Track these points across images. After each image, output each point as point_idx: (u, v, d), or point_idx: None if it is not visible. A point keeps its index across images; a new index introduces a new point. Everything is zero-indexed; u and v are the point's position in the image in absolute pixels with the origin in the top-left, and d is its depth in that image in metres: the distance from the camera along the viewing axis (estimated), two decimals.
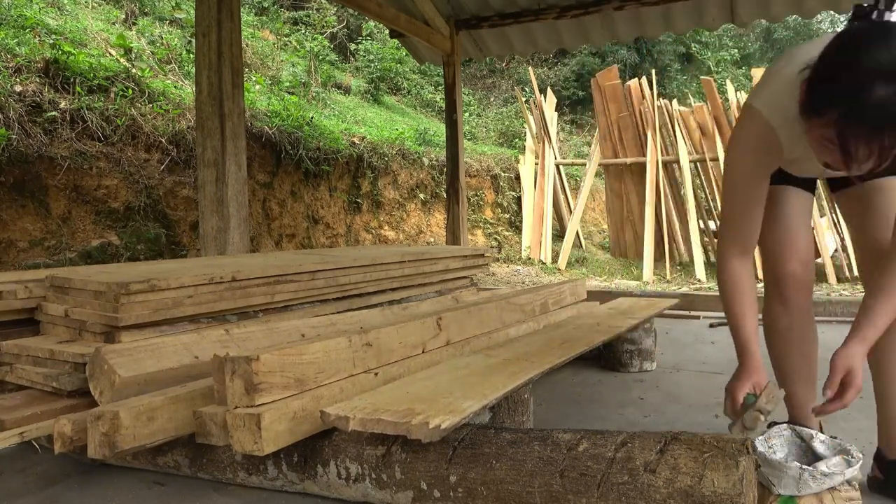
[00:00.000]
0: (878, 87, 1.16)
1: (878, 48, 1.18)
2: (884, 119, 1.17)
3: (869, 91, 1.16)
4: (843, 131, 1.21)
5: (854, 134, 1.20)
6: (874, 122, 1.18)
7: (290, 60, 9.05)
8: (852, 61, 1.20)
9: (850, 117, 1.19)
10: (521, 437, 1.45)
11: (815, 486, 1.33)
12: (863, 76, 1.18)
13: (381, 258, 2.85)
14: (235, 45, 3.12)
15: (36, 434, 1.67)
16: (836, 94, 1.22)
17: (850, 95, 1.19)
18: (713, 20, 5.26)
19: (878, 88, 1.16)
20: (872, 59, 1.17)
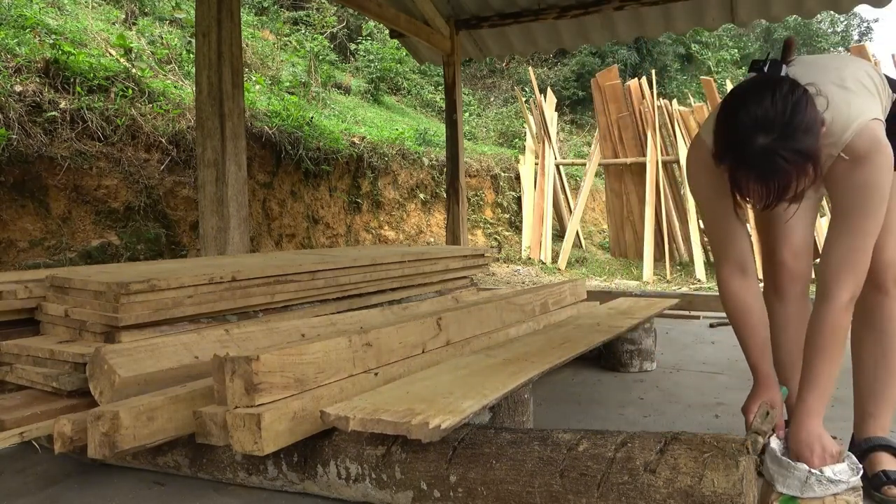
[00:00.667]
0: (757, 136, 1.32)
1: (754, 104, 1.34)
2: (767, 164, 1.32)
3: (750, 141, 1.33)
4: (734, 175, 1.37)
5: (743, 177, 1.35)
6: (759, 168, 1.33)
7: (290, 60, 9.06)
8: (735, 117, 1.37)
9: (740, 164, 1.35)
10: (521, 437, 1.45)
11: (819, 490, 1.33)
12: (742, 128, 1.34)
13: (381, 258, 2.85)
14: (235, 45, 3.12)
15: (36, 434, 1.67)
16: (726, 146, 1.38)
17: (736, 146, 1.35)
18: (713, 20, 5.26)
19: (757, 138, 1.32)
20: (750, 114, 1.34)
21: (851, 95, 1.47)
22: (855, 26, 24.89)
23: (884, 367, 1.65)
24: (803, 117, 1.32)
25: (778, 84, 1.36)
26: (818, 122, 1.35)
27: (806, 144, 1.32)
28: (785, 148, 1.30)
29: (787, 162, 1.31)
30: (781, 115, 1.32)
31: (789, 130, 1.31)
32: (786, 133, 1.31)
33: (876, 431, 1.66)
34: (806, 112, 1.33)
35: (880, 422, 1.66)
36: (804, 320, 1.81)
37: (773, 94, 1.34)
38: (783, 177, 1.32)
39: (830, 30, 23.67)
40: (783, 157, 1.31)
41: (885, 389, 1.65)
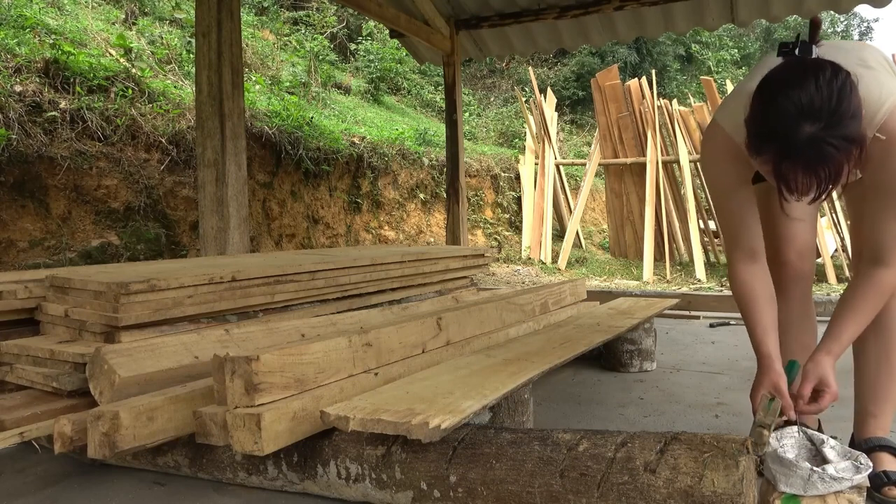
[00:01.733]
0: (804, 125, 1.26)
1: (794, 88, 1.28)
2: (816, 154, 1.26)
3: (796, 130, 1.26)
4: (779, 168, 1.31)
5: (790, 169, 1.29)
6: (807, 158, 1.27)
7: (290, 60, 9.06)
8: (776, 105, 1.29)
9: (785, 156, 1.29)
10: (521, 437, 1.45)
11: (822, 488, 1.33)
12: (787, 117, 1.27)
13: (381, 258, 2.85)
14: (235, 45, 3.12)
15: (36, 434, 1.67)
16: (769, 137, 1.31)
17: (780, 136, 1.29)
18: (713, 20, 5.26)
19: (804, 127, 1.26)
20: (793, 102, 1.27)
21: (878, 74, 1.44)
22: (855, 26, 24.91)
23: (886, 368, 1.64)
24: (849, 103, 1.27)
25: (820, 68, 1.30)
26: (860, 106, 1.30)
27: (852, 130, 1.27)
28: (834, 136, 1.25)
29: (836, 150, 1.25)
30: (828, 102, 1.26)
31: (836, 118, 1.26)
32: (833, 121, 1.25)
33: (876, 432, 1.66)
34: (851, 97, 1.28)
35: (881, 422, 1.66)
36: (807, 319, 1.83)
37: (815, 79, 1.27)
38: (834, 165, 1.27)
39: (830, 30, 23.67)
40: (832, 146, 1.25)
41: (887, 390, 1.65)
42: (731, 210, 1.63)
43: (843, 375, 2.82)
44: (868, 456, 1.55)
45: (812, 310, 1.86)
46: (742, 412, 2.33)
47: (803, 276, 1.79)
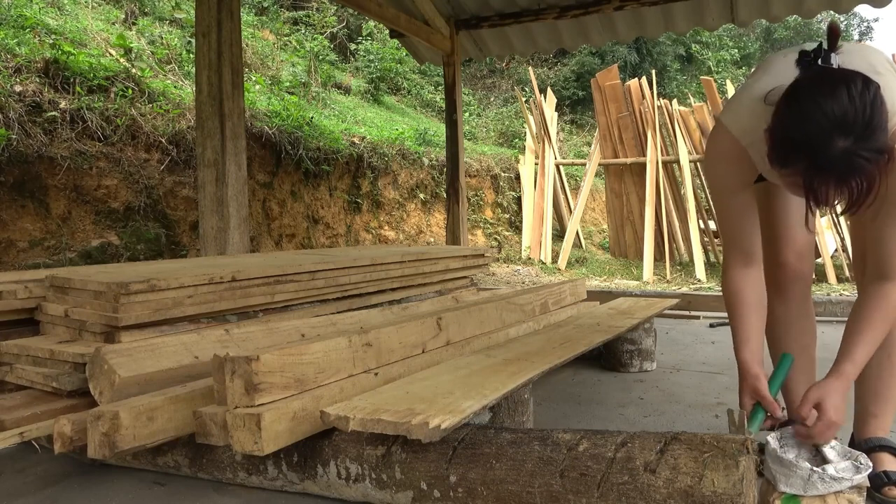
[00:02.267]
0: (837, 139, 1.23)
1: (826, 100, 1.25)
2: (848, 168, 1.24)
3: (829, 144, 1.24)
4: (811, 182, 1.28)
5: (822, 183, 1.27)
6: (840, 172, 1.25)
7: (290, 60, 9.06)
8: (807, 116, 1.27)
9: (817, 169, 1.27)
10: (521, 437, 1.45)
11: (822, 488, 1.33)
12: (819, 131, 1.24)
13: (381, 258, 2.85)
14: (235, 45, 3.12)
15: (36, 434, 1.67)
16: (798, 150, 1.28)
17: (812, 150, 1.26)
18: (713, 20, 5.26)
19: (837, 140, 1.23)
20: (827, 115, 1.24)
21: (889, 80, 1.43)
22: (855, 26, 24.89)
23: (888, 369, 1.64)
24: (881, 115, 1.26)
25: (852, 80, 1.27)
26: (888, 116, 1.29)
27: (883, 141, 1.26)
28: (867, 149, 1.24)
29: (868, 162, 1.24)
30: (861, 115, 1.24)
31: (869, 131, 1.24)
32: (866, 134, 1.24)
33: (877, 432, 1.66)
34: (882, 109, 1.27)
35: (881, 422, 1.66)
36: (806, 319, 1.82)
37: (848, 90, 1.25)
38: (867, 178, 1.26)
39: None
40: (865, 158, 1.24)
41: (889, 390, 1.65)
42: (732, 213, 1.63)
43: None
44: (868, 456, 1.56)
45: (811, 310, 1.85)
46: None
47: (802, 276, 1.79)
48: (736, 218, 1.62)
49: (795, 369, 1.81)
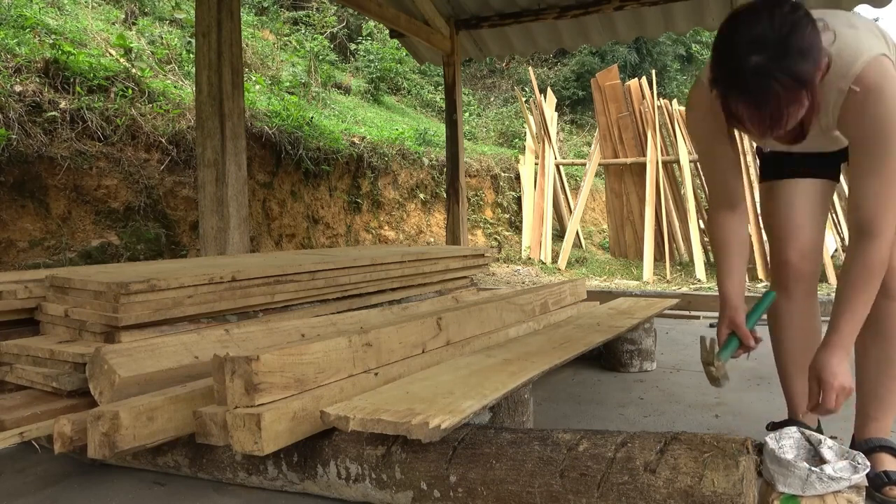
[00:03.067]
0: (751, 55, 1.26)
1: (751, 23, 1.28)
2: (759, 86, 1.26)
3: (742, 59, 1.27)
4: (726, 98, 1.33)
5: (735, 101, 1.31)
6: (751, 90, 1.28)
7: (290, 60, 9.06)
8: (729, 37, 1.31)
9: (732, 87, 1.31)
10: (521, 437, 1.45)
11: (821, 488, 1.33)
12: (737, 49, 1.28)
13: (381, 258, 2.85)
14: (235, 45, 3.12)
15: (36, 434, 1.67)
16: (719, 68, 1.33)
17: (727, 64, 1.31)
18: (713, 20, 5.26)
19: (751, 56, 1.26)
20: (744, 34, 1.28)
21: (860, 32, 1.45)
22: None
23: (887, 372, 1.64)
24: (802, 39, 1.26)
25: (778, 4, 1.30)
26: (817, 48, 1.29)
27: (801, 68, 1.26)
28: (779, 69, 1.25)
29: (780, 85, 1.25)
30: (777, 34, 1.26)
31: (783, 50, 1.25)
32: (780, 53, 1.25)
33: (877, 433, 1.66)
34: (805, 34, 1.27)
35: (881, 425, 1.67)
36: (810, 318, 1.82)
37: (770, 13, 1.28)
38: (775, 101, 1.27)
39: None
40: (776, 80, 1.25)
41: (888, 394, 1.65)
42: (712, 160, 1.68)
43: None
44: (868, 456, 1.56)
45: (816, 310, 1.85)
46: (742, 412, 2.33)
47: (805, 276, 1.79)
48: (716, 165, 1.67)
49: (794, 370, 1.82)
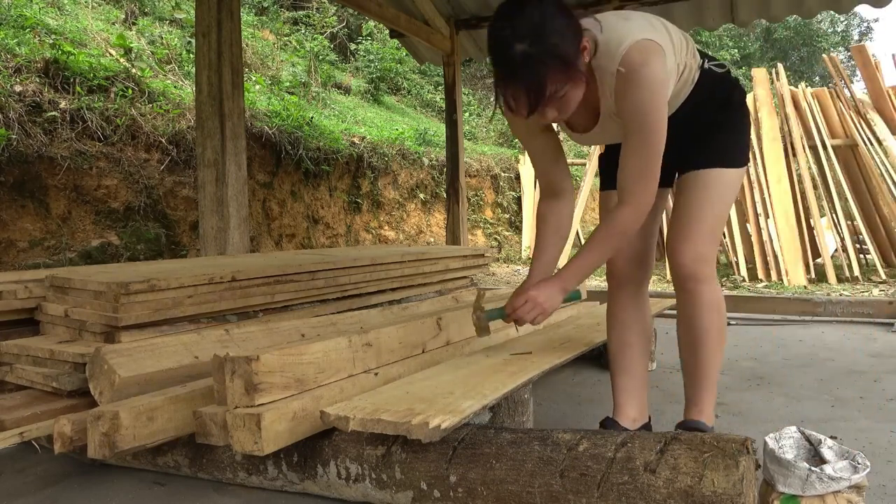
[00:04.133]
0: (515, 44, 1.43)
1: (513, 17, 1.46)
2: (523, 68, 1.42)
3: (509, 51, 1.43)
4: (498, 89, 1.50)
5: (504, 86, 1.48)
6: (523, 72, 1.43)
7: (290, 60, 9.06)
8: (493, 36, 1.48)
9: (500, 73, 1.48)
10: (521, 437, 1.45)
11: (821, 487, 1.33)
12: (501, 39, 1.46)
13: (381, 258, 2.85)
14: (235, 45, 3.12)
15: (36, 434, 1.67)
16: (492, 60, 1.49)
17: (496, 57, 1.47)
18: (713, 20, 5.26)
19: (516, 45, 1.43)
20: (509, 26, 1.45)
21: (631, 23, 1.57)
22: (855, 26, 24.89)
23: (696, 358, 1.76)
24: (553, 23, 1.43)
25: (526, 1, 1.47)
26: (572, 28, 1.46)
27: (559, 48, 1.43)
28: (540, 52, 1.41)
29: (543, 64, 1.41)
30: (532, 22, 1.43)
31: (540, 35, 1.42)
32: (537, 38, 1.42)
33: (698, 416, 1.76)
34: (555, 18, 1.44)
35: (700, 407, 1.77)
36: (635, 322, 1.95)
37: (522, 9, 1.45)
38: (541, 78, 1.42)
39: (830, 30, 23.66)
40: (538, 60, 1.41)
41: (701, 378, 1.77)
42: (534, 157, 1.81)
43: (845, 376, 2.82)
44: None
45: (644, 310, 1.96)
46: (742, 412, 2.33)
47: (630, 280, 1.91)
48: (539, 157, 1.80)
49: (616, 365, 1.94)
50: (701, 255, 1.70)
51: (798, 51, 22.96)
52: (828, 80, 16.45)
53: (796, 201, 6.88)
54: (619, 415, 1.90)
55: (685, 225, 1.71)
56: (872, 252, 6.85)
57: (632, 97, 1.52)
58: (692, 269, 1.70)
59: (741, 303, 4.55)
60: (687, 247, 1.70)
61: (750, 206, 7.07)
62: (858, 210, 7.00)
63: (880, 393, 2.53)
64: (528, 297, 1.68)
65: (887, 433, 2.06)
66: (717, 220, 1.73)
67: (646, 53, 1.50)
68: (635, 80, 1.50)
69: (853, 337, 3.68)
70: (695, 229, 1.70)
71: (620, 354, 1.93)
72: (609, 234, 1.65)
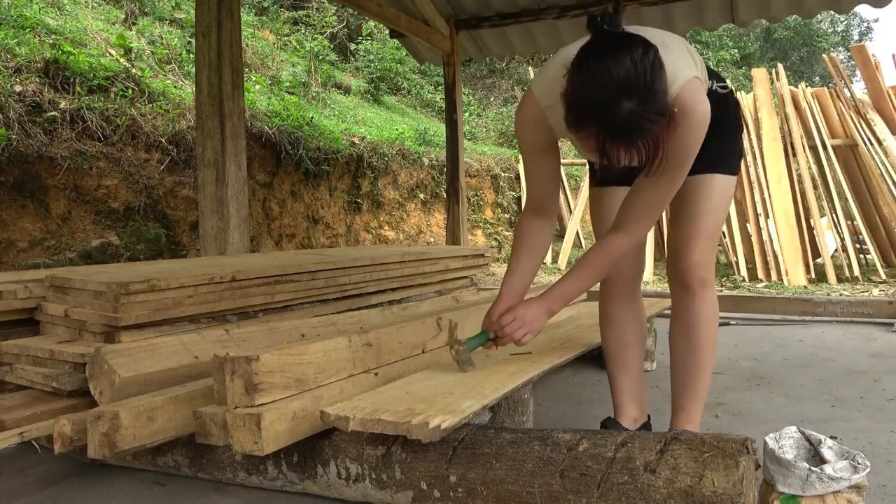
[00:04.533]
0: (623, 102, 1.31)
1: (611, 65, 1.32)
2: (635, 129, 1.33)
3: (616, 107, 1.31)
4: (602, 143, 1.36)
5: (613, 144, 1.35)
6: (627, 133, 1.34)
7: (290, 60, 9.05)
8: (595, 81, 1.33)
9: (607, 132, 1.34)
10: (521, 437, 1.45)
11: (821, 487, 1.33)
12: (607, 94, 1.32)
13: (381, 258, 2.85)
14: (235, 45, 3.12)
15: (36, 434, 1.67)
16: (588, 113, 1.36)
17: (601, 113, 1.33)
18: (713, 20, 5.26)
19: (623, 103, 1.31)
20: (611, 77, 1.31)
21: (673, 54, 1.52)
22: (855, 26, 24.89)
23: (692, 364, 1.75)
24: (661, 79, 1.36)
25: (633, 44, 1.36)
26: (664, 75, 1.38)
27: (664, 104, 1.36)
28: (650, 111, 1.33)
29: (652, 123, 1.34)
30: (643, 79, 1.32)
31: (651, 93, 1.33)
32: (648, 96, 1.33)
33: (685, 425, 1.75)
34: (662, 74, 1.36)
35: (689, 415, 1.76)
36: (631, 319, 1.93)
37: (630, 54, 1.33)
38: (652, 138, 1.35)
39: (830, 30, 23.66)
40: (649, 120, 1.33)
41: (694, 385, 1.76)
42: (531, 170, 1.76)
43: (845, 376, 2.82)
44: None
45: (639, 309, 1.95)
46: (742, 412, 2.33)
47: (623, 278, 1.89)
48: (534, 175, 1.75)
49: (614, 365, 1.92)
50: (705, 259, 1.71)
51: (798, 51, 22.96)
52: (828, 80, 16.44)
53: (796, 201, 6.88)
54: (620, 415, 1.90)
55: (689, 228, 1.71)
56: (872, 252, 6.85)
57: (682, 136, 1.48)
58: (697, 272, 1.70)
59: (741, 303, 4.55)
60: (692, 249, 1.70)
61: (750, 206, 7.07)
62: (858, 210, 7.00)
63: (880, 393, 2.53)
64: (517, 315, 1.64)
65: (887, 433, 2.06)
66: (717, 225, 1.74)
67: (698, 94, 1.49)
68: (688, 121, 1.47)
69: (853, 337, 3.68)
70: (699, 232, 1.70)
71: (618, 354, 1.92)
72: (602, 262, 1.64)
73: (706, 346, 1.74)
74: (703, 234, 1.70)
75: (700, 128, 1.49)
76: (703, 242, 1.70)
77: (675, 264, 1.74)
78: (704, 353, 1.75)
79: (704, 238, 1.70)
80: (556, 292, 1.66)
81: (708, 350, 1.75)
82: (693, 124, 1.48)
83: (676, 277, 1.75)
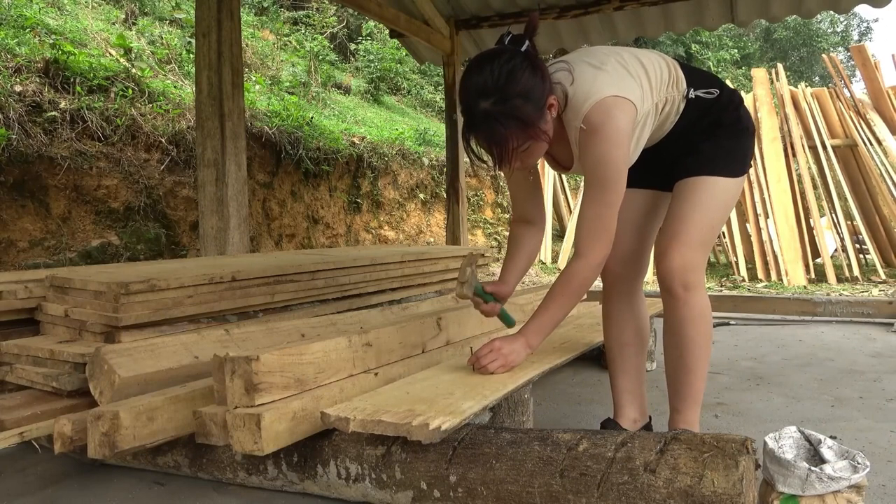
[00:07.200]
0: (481, 102, 1.49)
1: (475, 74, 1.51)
2: (486, 127, 1.49)
3: (475, 107, 1.50)
4: (467, 140, 1.56)
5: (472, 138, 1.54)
6: (480, 130, 1.51)
7: (290, 60, 9.05)
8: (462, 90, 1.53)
9: (468, 127, 1.54)
10: (521, 437, 1.45)
11: (821, 487, 1.33)
12: (468, 98, 1.51)
13: (381, 258, 2.85)
14: (235, 45, 3.12)
15: (36, 434, 1.67)
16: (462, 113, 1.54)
17: (465, 112, 1.53)
18: (713, 20, 5.26)
19: (480, 104, 1.49)
20: (473, 83, 1.51)
21: (602, 74, 1.58)
22: (855, 26, 24.90)
23: (682, 367, 1.76)
24: (517, 84, 1.48)
25: (499, 54, 1.51)
26: (538, 88, 1.50)
27: (522, 110, 1.48)
28: (502, 114, 1.47)
29: (503, 125, 1.48)
30: (497, 82, 1.47)
31: (504, 96, 1.47)
32: (501, 99, 1.47)
33: (683, 424, 1.76)
34: (521, 79, 1.48)
35: (684, 417, 1.77)
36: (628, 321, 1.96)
37: (491, 64, 1.50)
38: (501, 138, 1.49)
39: (830, 30, 23.67)
40: (500, 123, 1.47)
41: (686, 387, 1.77)
42: (511, 187, 1.88)
43: (845, 376, 2.82)
44: None
45: (639, 309, 1.97)
46: (742, 412, 2.34)
47: (625, 280, 1.90)
48: (514, 192, 1.87)
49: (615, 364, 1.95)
50: (688, 262, 1.68)
51: (798, 51, 22.97)
52: (828, 80, 16.45)
53: (796, 201, 6.89)
54: (619, 416, 1.90)
55: (672, 231, 1.70)
56: (872, 252, 6.86)
57: (591, 150, 1.57)
58: (678, 276, 1.69)
59: (741, 303, 4.55)
60: (673, 253, 1.68)
61: (750, 206, 7.07)
62: (858, 210, 7.01)
63: (880, 393, 2.53)
64: (493, 348, 1.72)
65: (887, 433, 2.06)
66: (707, 228, 1.71)
67: (607, 112, 1.54)
68: (594, 140, 1.55)
69: (853, 337, 3.68)
70: (682, 235, 1.68)
71: (618, 355, 1.94)
72: (567, 291, 1.69)
73: (693, 350, 1.73)
74: (685, 238, 1.68)
75: (610, 142, 1.55)
76: (686, 246, 1.68)
77: (657, 267, 1.74)
78: (692, 356, 1.74)
79: (687, 241, 1.68)
80: (532, 327, 1.73)
81: (696, 353, 1.74)
82: (601, 139, 1.54)
83: (660, 278, 1.75)
